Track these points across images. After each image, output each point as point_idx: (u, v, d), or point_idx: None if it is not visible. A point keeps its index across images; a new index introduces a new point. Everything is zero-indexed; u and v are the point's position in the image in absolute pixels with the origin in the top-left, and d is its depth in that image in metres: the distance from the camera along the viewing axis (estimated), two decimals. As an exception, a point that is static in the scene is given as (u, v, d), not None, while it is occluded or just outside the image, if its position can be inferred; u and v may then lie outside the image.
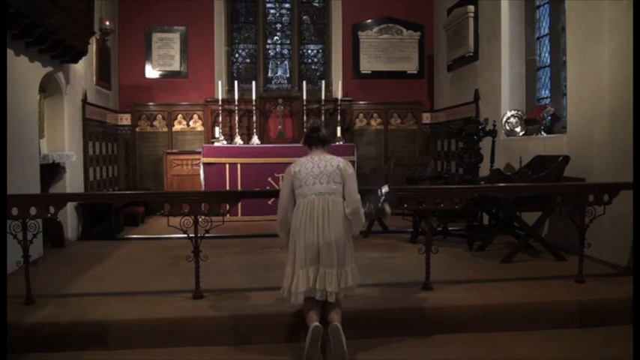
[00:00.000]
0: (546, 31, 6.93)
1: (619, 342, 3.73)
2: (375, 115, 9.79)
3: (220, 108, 8.92)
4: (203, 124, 9.43)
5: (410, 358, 3.52)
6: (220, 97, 8.84)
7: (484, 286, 4.43)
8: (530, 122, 6.74)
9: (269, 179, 7.89)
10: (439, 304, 4.00)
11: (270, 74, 10.03)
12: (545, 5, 6.94)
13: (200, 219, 4.07)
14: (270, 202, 7.31)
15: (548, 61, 6.87)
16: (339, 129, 8.99)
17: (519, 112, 7.04)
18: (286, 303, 3.62)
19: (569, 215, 4.66)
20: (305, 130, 3.96)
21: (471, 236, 5.90)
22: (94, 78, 7.81)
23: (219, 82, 8.98)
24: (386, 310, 3.92)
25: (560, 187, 5.05)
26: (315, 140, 3.82)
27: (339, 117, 9.15)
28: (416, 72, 9.84)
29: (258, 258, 5.49)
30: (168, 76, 9.44)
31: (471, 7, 8.03)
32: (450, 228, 6.39)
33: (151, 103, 9.39)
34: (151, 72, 9.41)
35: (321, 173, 3.63)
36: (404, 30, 9.77)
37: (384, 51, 9.74)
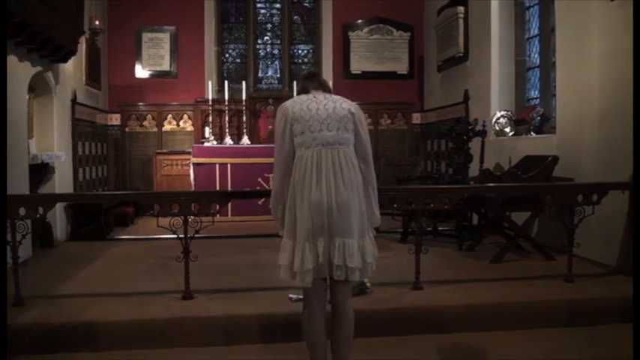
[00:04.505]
0: (536, 32, 6.97)
1: (608, 341, 3.76)
2: (365, 115, 9.76)
3: (210, 108, 8.90)
4: (193, 124, 9.41)
5: (399, 358, 3.53)
6: (210, 97, 8.81)
7: (474, 285, 4.45)
8: (520, 123, 6.78)
9: (259, 179, 7.88)
10: (429, 304, 4.01)
11: (260, 74, 10.02)
12: (535, 6, 6.98)
13: (190, 219, 4.06)
14: (260, 203, 7.31)
15: (538, 61, 6.91)
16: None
17: (509, 113, 7.07)
18: (277, 303, 3.61)
19: (558, 215, 4.69)
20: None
21: (461, 236, 5.93)
22: (84, 78, 7.76)
23: (210, 82, 8.95)
24: (375, 310, 3.91)
25: (549, 187, 5.08)
26: (315, 85, 3.05)
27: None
28: (406, 72, 9.86)
29: (249, 258, 5.49)
30: (158, 76, 9.40)
31: (461, 8, 8.06)
32: (439, 228, 6.41)
33: (140, 103, 9.36)
34: (141, 72, 9.37)
35: (329, 117, 2.83)
36: (394, 30, 9.80)
37: (375, 51, 9.76)
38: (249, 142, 8.72)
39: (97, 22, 8.02)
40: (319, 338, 2.88)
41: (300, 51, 10.16)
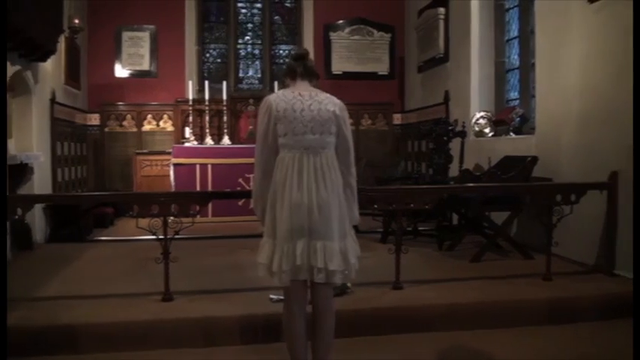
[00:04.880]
0: (515, 33, 7.03)
1: (589, 338, 3.83)
2: (346, 115, 9.79)
3: (191, 108, 8.84)
4: (173, 125, 9.34)
5: (380, 358, 3.54)
6: (191, 97, 8.77)
7: (453, 285, 4.48)
8: (499, 123, 6.84)
9: (240, 180, 7.85)
10: (409, 304, 4.03)
11: (241, 74, 9.99)
12: (515, 8, 7.04)
13: (169, 220, 4.04)
14: (240, 203, 7.29)
15: (518, 63, 6.98)
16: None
17: (488, 114, 7.13)
18: (258, 304, 3.61)
19: (537, 215, 4.75)
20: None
21: (441, 236, 5.96)
22: (63, 77, 7.68)
23: (190, 82, 8.91)
24: (356, 310, 3.92)
25: (528, 187, 5.14)
26: (301, 71, 2.94)
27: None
28: (387, 73, 9.90)
29: (229, 259, 5.46)
30: (137, 75, 9.33)
31: (442, 10, 8.10)
32: (420, 228, 6.44)
33: (120, 103, 9.28)
34: (121, 71, 9.29)
35: (313, 119, 2.79)
36: (375, 31, 9.83)
37: (356, 52, 9.79)
38: (229, 143, 8.69)
39: (76, 21, 7.94)
40: (299, 338, 2.89)
41: (281, 51, 10.14)
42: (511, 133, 6.52)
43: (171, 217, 4.03)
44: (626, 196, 4.59)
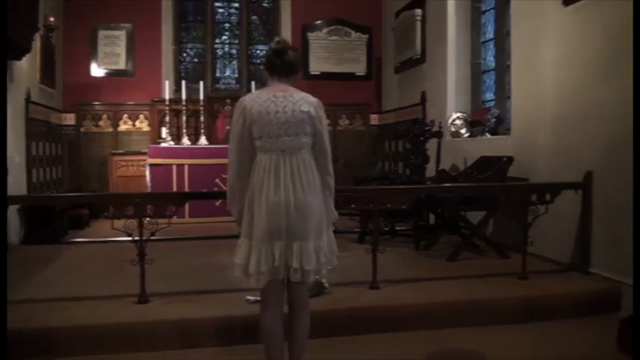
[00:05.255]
0: (491, 35, 7.10)
1: (565, 335, 3.89)
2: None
3: (167, 108, 8.77)
4: (149, 125, 9.26)
5: (357, 357, 3.55)
6: (167, 97, 8.70)
7: (430, 284, 4.50)
8: (475, 124, 6.89)
9: (216, 180, 7.81)
10: (386, 303, 4.05)
11: (218, 74, 9.95)
12: (491, 10, 7.11)
13: (145, 221, 4.00)
14: (217, 204, 7.24)
15: (493, 64, 7.04)
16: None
17: (465, 114, 7.18)
18: (234, 305, 3.59)
19: (512, 214, 4.80)
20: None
21: (418, 236, 5.99)
22: (38, 76, 7.57)
23: (167, 82, 8.83)
24: (333, 310, 3.92)
25: (503, 187, 5.20)
26: (279, 67, 2.89)
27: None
28: (364, 74, 9.93)
29: (206, 260, 5.43)
30: (114, 74, 9.22)
31: (419, 11, 8.16)
32: (397, 228, 6.47)
33: (96, 103, 9.17)
34: (97, 70, 9.18)
35: (288, 121, 2.77)
36: (352, 32, 9.86)
37: (333, 52, 9.80)
38: (206, 143, 8.65)
39: (51, 19, 7.83)
40: (276, 339, 2.89)
41: (258, 51, 10.10)
42: (487, 134, 6.58)
43: (147, 218, 4.00)
44: (601, 195, 4.67)
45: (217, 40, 9.97)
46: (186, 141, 8.63)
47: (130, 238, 3.98)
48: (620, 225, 4.42)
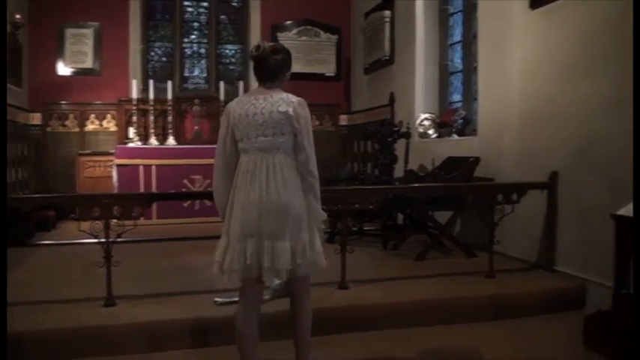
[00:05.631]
0: (459, 37, 7.18)
1: (532, 332, 3.96)
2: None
3: (135, 108, 8.67)
4: (117, 124, 9.10)
5: (326, 358, 3.55)
6: (135, 97, 8.60)
7: (398, 283, 4.54)
8: (443, 125, 6.96)
9: (184, 181, 7.76)
10: (355, 303, 4.07)
11: (186, 74, 9.85)
12: (459, 13, 7.19)
13: (112, 222, 3.95)
14: (185, 205, 7.20)
15: (461, 66, 7.12)
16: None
17: (432, 115, 7.25)
18: (203, 307, 3.57)
19: (479, 214, 4.86)
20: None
21: (386, 236, 6.03)
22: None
23: (134, 81, 8.73)
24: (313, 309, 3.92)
25: (470, 187, 5.26)
26: (260, 73, 2.94)
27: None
28: (333, 74, 9.96)
29: (174, 262, 5.38)
30: (81, 73, 9.06)
31: (387, 13, 8.21)
32: (365, 228, 6.50)
33: (63, 102, 9.00)
34: (64, 69, 9.00)
35: (265, 123, 2.80)
36: (322, 32, 9.88)
37: (303, 52, 9.77)
38: (174, 143, 8.58)
39: (17, 16, 7.68)
40: (248, 339, 2.89)
41: (227, 51, 10.06)
42: (454, 135, 6.66)
43: (114, 220, 3.95)
44: (566, 195, 4.77)
45: (186, 40, 9.87)
46: (153, 141, 8.54)
47: (96, 240, 3.93)
48: (585, 224, 4.52)
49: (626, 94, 4.09)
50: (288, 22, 9.81)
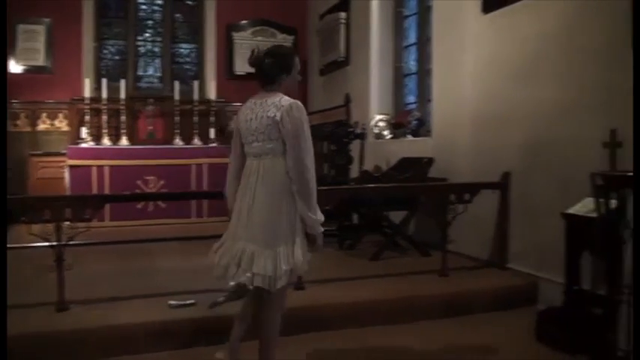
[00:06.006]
0: (414, 40, 7.27)
1: (483, 329, 4.07)
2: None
3: (87, 107, 8.48)
4: (69, 124, 8.90)
5: (283, 359, 3.56)
6: (87, 96, 8.43)
7: (354, 283, 4.57)
8: (398, 126, 7.05)
9: (138, 182, 7.64)
10: (311, 303, 4.09)
11: (140, 73, 9.70)
12: (414, 16, 7.28)
13: (64, 225, 3.87)
14: (139, 206, 7.10)
15: (415, 68, 7.22)
16: (212, 131, 8.89)
17: (387, 116, 7.33)
18: (157, 311, 3.53)
19: (433, 213, 4.95)
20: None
21: (342, 236, 6.07)
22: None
23: (87, 80, 8.55)
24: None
25: (424, 187, 5.34)
26: (258, 77, 3.01)
27: (212, 118, 9.00)
28: (290, 75, 9.92)
29: (128, 265, 5.31)
30: (32, 71, 8.82)
31: (343, 14, 8.27)
32: (322, 228, 6.50)
33: (14, 101, 8.69)
34: (15, 67, 8.74)
35: (257, 129, 2.86)
36: (278, 33, 9.86)
37: (259, 53, 9.72)
38: (128, 144, 8.44)
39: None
40: (232, 340, 3.07)
41: (182, 50, 9.95)
42: (409, 136, 6.75)
43: (66, 222, 3.88)
44: (517, 194, 4.92)
45: (140, 38, 9.71)
46: (106, 141, 8.39)
47: (47, 244, 3.85)
48: (536, 222, 4.66)
49: (571, 99, 4.26)
50: (244, 21, 9.76)
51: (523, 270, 4.81)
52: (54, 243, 3.84)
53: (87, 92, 8.43)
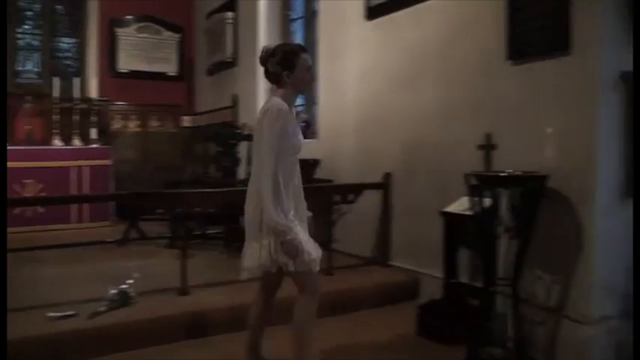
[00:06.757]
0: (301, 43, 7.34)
1: (368, 324, 4.25)
2: (133, 117, 9.42)
3: (-44, 104, 7.89)
4: None
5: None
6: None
7: (241, 286, 4.51)
8: (285, 128, 7.08)
9: (14, 186, 7.18)
10: (195, 309, 4.05)
11: (19, 67, 9.07)
12: (300, 19, 7.36)
13: None
14: (16, 212, 6.68)
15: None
16: (94, 131, 8.51)
17: (275, 118, 7.33)
18: (35, 325, 3.34)
19: (319, 213, 5.03)
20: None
21: (229, 239, 6.02)
22: None
23: (-46, 75, 7.95)
24: (138, 320, 3.82)
25: (310, 188, 5.39)
26: (265, 76, 3.08)
27: (94, 118, 8.61)
28: (175, 74, 9.73)
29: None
30: None
31: (230, 14, 8.22)
32: (209, 231, 6.44)
33: None
34: None
35: (257, 129, 2.98)
36: (163, 30, 9.61)
37: (144, 50, 9.46)
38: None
39: None
40: (249, 325, 3.31)
41: (63, 44, 9.44)
42: (296, 137, 6.80)
43: None
44: (398, 194, 5.14)
45: (18, 30, 9.06)
46: (-22, 141, 7.83)
47: None
48: (415, 221, 4.88)
49: (450, 104, 4.50)
50: (128, 17, 9.43)
51: (405, 266, 5.03)
52: None
53: (-47, 87, 7.81)
